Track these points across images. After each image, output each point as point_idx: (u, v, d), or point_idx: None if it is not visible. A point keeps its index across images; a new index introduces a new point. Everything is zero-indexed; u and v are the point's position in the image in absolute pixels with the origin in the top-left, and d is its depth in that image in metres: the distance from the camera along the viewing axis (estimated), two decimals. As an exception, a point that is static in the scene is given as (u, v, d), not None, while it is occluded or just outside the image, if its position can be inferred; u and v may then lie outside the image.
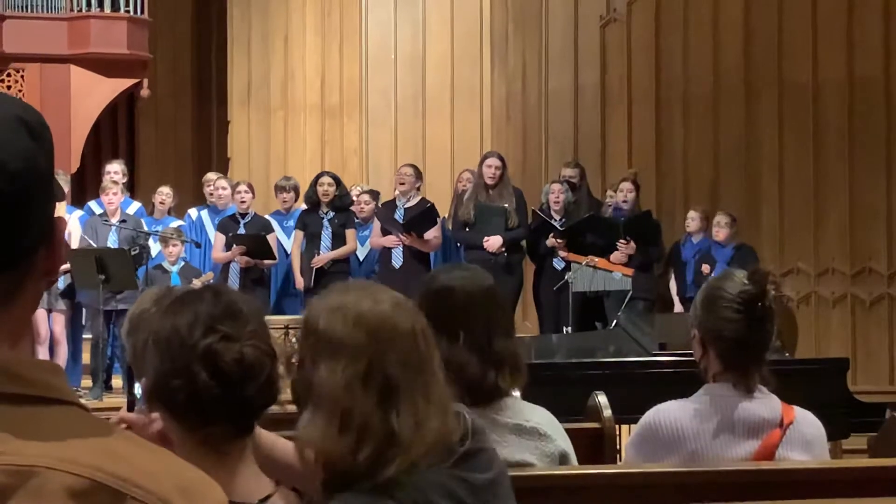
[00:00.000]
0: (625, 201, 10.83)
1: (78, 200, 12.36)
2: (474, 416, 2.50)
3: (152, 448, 1.32)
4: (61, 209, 10.10)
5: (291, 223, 11.58)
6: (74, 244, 10.52)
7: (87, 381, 10.74)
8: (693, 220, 10.64)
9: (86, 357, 11.06)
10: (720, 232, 10.38)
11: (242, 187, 11.38)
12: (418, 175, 11.32)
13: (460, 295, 3.14)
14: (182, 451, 2.10)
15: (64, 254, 1.38)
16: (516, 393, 3.66)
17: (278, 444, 2.53)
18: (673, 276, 10.80)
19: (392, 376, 2.25)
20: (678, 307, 10.44)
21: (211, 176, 12.35)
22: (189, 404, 2.09)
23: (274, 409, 2.27)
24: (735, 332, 3.32)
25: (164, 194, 11.92)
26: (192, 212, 12.06)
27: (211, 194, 12.08)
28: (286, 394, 2.33)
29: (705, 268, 10.11)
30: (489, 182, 10.81)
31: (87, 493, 1.22)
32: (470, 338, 3.10)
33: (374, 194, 12.20)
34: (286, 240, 11.51)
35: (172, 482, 1.27)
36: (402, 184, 11.18)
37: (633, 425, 3.54)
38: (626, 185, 10.87)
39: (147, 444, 1.32)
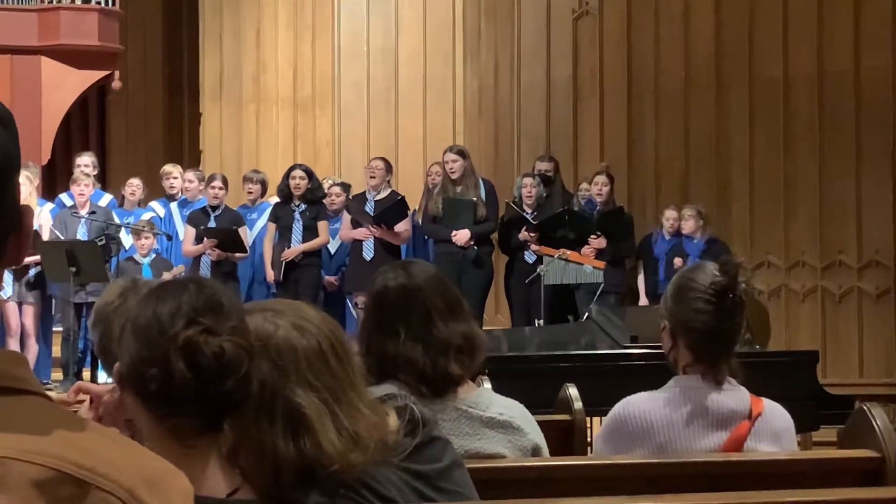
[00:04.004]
0: (599, 194, 10.86)
1: (48, 193, 12.31)
2: (421, 408, 2.51)
3: (117, 438, 1.31)
4: (32, 201, 10.06)
5: (255, 216, 11.58)
6: (45, 237, 10.47)
7: (57, 374, 10.70)
8: (676, 220, 10.60)
9: (56, 350, 11.02)
10: (686, 224, 10.40)
11: (217, 182, 11.32)
12: (389, 168, 11.32)
13: (393, 293, 3.17)
14: (149, 439, 2.09)
15: (31, 242, 1.37)
16: (487, 384, 3.67)
17: None
18: (642, 270, 10.82)
19: (298, 404, 2.25)
20: (643, 300, 10.48)
21: (168, 168, 12.26)
22: (162, 393, 2.07)
23: None
24: (705, 323, 3.32)
25: (134, 186, 11.88)
26: (155, 204, 11.96)
27: (172, 186, 11.99)
28: None
29: (677, 261, 10.12)
30: (452, 176, 10.83)
31: (51, 483, 1.21)
32: (409, 331, 3.12)
33: (346, 187, 12.19)
34: (249, 232, 11.48)
35: (137, 472, 1.26)
36: (373, 177, 11.18)
37: (603, 417, 3.55)
38: (601, 179, 10.90)
39: (112, 434, 1.32)
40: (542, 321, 10.12)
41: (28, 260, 9.86)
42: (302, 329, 2.32)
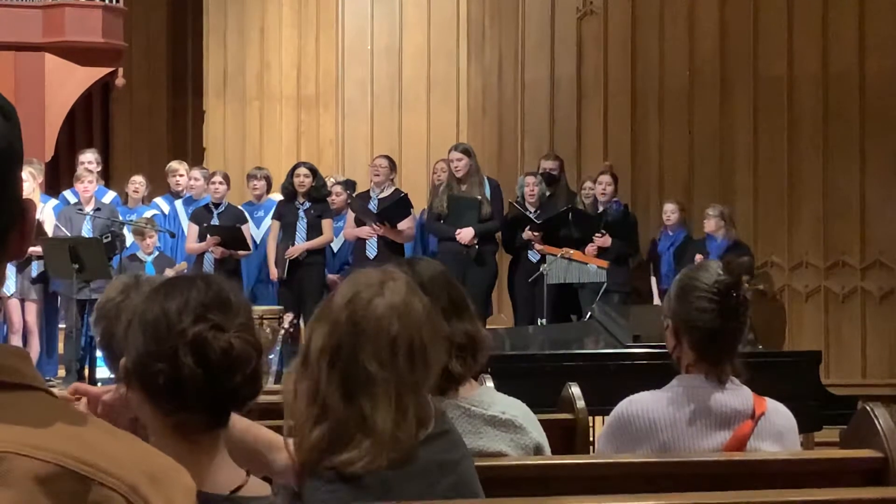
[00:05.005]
0: (603, 193, 10.87)
1: (51, 190, 12.30)
2: (435, 401, 2.53)
3: (119, 434, 1.31)
4: (35, 198, 10.05)
5: (262, 213, 11.57)
6: (48, 233, 10.47)
7: (62, 371, 10.70)
8: (675, 213, 10.65)
9: (61, 347, 11.02)
10: (707, 223, 10.39)
11: (217, 178, 11.36)
12: (392, 166, 11.32)
13: None
14: (153, 435, 2.09)
15: (33, 237, 1.37)
16: (490, 383, 3.67)
17: (252, 430, 2.52)
18: (653, 270, 10.83)
19: (357, 370, 2.28)
20: (657, 300, 10.45)
21: (174, 165, 12.27)
22: (169, 388, 2.08)
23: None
24: (708, 322, 3.31)
25: (138, 183, 11.87)
26: (160, 201, 11.97)
27: (178, 184, 12.00)
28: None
29: (699, 258, 10.09)
30: (456, 174, 10.84)
31: (54, 478, 1.20)
32: None
33: (350, 184, 12.18)
34: (256, 230, 11.48)
35: (140, 468, 1.26)
36: (377, 175, 11.19)
37: (606, 416, 3.54)
38: (605, 178, 10.91)
39: (115, 430, 1.31)
40: (545, 320, 10.11)
41: (30, 250, 9.86)
42: (398, 313, 2.36)
